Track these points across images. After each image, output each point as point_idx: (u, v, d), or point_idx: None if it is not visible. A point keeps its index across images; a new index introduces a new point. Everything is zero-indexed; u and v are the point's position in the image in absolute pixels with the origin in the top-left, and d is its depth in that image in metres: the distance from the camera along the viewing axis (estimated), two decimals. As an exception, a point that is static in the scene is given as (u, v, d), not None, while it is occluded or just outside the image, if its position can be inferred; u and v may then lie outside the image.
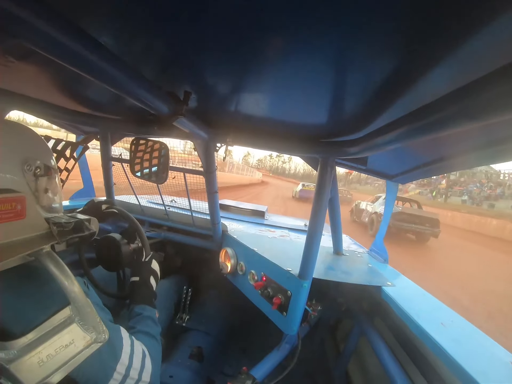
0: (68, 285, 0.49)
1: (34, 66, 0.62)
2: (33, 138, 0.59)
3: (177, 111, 0.64)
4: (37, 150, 0.58)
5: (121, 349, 0.61)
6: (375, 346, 1.00)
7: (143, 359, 0.67)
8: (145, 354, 0.69)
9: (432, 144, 0.73)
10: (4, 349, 0.40)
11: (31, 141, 0.58)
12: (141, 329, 0.77)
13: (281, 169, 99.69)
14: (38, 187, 0.55)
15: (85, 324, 0.50)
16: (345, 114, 0.68)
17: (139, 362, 0.65)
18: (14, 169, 0.51)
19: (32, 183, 0.54)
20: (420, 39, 0.35)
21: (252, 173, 29.72)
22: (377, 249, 1.54)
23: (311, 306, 1.10)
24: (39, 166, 0.55)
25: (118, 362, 0.59)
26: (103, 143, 1.32)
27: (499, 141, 0.60)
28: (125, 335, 0.65)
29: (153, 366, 0.70)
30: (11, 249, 0.45)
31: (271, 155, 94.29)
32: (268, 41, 0.41)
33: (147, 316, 0.83)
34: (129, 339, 0.65)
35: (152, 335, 0.78)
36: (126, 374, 0.61)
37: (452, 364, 0.65)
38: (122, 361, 0.60)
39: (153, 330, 0.80)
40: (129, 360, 0.62)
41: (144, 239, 1.07)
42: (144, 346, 0.70)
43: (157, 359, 0.74)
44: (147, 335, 0.76)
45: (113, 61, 0.44)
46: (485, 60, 0.36)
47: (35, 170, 0.54)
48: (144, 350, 0.69)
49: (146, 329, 0.78)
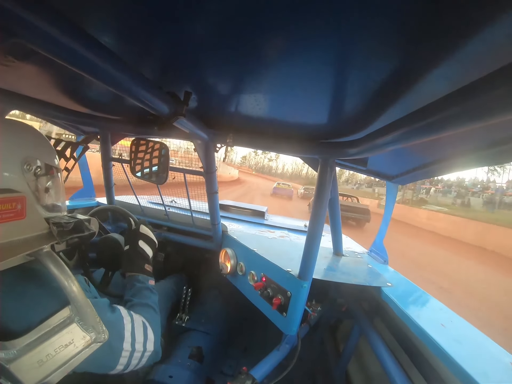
0: (68, 285, 0.49)
1: (34, 66, 0.62)
2: (34, 136, 0.58)
3: (177, 111, 0.64)
4: (38, 149, 0.57)
5: (124, 329, 0.64)
6: (375, 347, 0.99)
7: (144, 331, 0.70)
8: (146, 325, 0.71)
9: (432, 145, 0.73)
10: (4, 349, 0.40)
11: (31, 140, 0.57)
12: (138, 301, 0.79)
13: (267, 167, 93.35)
14: (38, 186, 0.55)
15: (84, 324, 0.50)
16: (345, 115, 0.68)
17: (141, 335, 0.68)
18: (13, 168, 0.51)
19: (32, 183, 0.54)
20: (420, 39, 0.35)
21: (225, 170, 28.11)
22: (377, 250, 1.54)
23: (311, 307, 1.10)
24: (40, 165, 0.55)
25: (124, 341, 0.63)
26: (103, 143, 1.32)
27: (499, 142, 0.60)
28: (124, 313, 0.68)
29: (155, 334, 0.73)
30: (11, 249, 0.45)
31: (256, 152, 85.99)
32: (268, 41, 0.41)
33: (141, 286, 0.84)
34: (128, 316, 0.68)
35: (148, 305, 0.80)
36: (133, 349, 0.65)
37: (452, 365, 0.65)
38: (127, 339, 0.64)
39: (149, 300, 0.82)
40: (132, 336, 0.66)
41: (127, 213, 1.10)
42: (143, 317, 0.72)
43: (157, 327, 0.77)
44: (144, 306, 0.78)
45: (113, 61, 0.44)
46: (485, 61, 0.36)
47: (35, 169, 0.54)
48: (144, 322, 0.71)
49: (142, 300, 0.80)
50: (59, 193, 0.61)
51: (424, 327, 0.78)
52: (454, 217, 14.44)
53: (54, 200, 0.59)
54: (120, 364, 0.63)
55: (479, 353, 0.72)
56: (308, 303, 1.07)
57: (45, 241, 0.52)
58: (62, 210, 0.63)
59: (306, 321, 1.12)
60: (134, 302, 0.78)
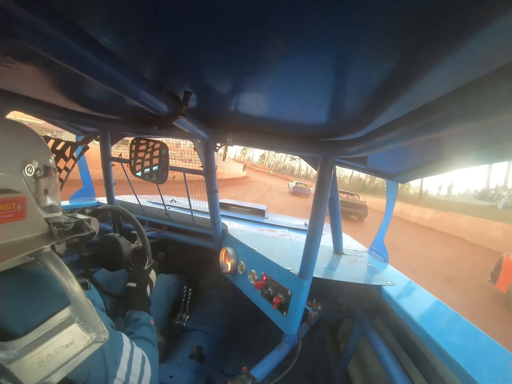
0: (68, 285, 0.49)
1: (34, 67, 0.62)
2: (33, 138, 0.58)
3: (177, 111, 0.64)
4: (37, 151, 0.57)
5: (121, 356, 0.62)
6: (376, 346, 1.00)
7: (142, 364, 0.67)
8: (145, 359, 0.69)
9: (431, 143, 0.73)
10: (4, 349, 0.40)
11: (31, 142, 0.57)
12: (140, 335, 0.78)
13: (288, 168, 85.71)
14: (38, 188, 0.55)
15: (85, 324, 0.50)
16: (345, 113, 0.68)
17: (138, 368, 0.66)
18: (13, 170, 0.50)
19: (33, 185, 0.53)
20: (420, 39, 0.35)
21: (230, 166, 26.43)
22: (377, 248, 1.54)
23: (311, 306, 1.10)
24: (39, 167, 0.55)
25: (118, 368, 0.60)
26: (103, 143, 1.32)
27: (499, 141, 0.60)
28: (126, 341, 0.66)
29: (152, 371, 0.70)
30: (11, 249, 0.45)
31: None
32: (268, 41, 0.41)
33: (144, 322, 0.84)
34: (129, 345, 0.66)
35: (150, 340, 0.79)
36: (126, 380, 0.61)
37: (453, 364, 0.65)
38: (122, 367, 0.61)
39: (150, 336, 0.81)
40: (128, 366, 0.63)
41: (147, 245, 1.07)
42: (143, 351, 0.71)
43: (155, 364, 0.75)
44: (145, 340, 0.77)
45: (113, 61, 0.44)
46: (485, 60, 0.36)
47: (35, 171, 0.54)
48: (143, 355, 0.69)
49: (144, 334, 0.79)
50: (56, 193, 0.61)
51: (424, 327, 0.78)
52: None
53: (53, 201, 0.59)
54: None
55: (479, 353, 0.72)
56: (309, 302, 1.07)
57: (45, 241, 0.52)
58: (59, 210, 0.62)
59: (306, 321, 1.12)
60: (136, 335, 0.78)
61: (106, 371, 0.57)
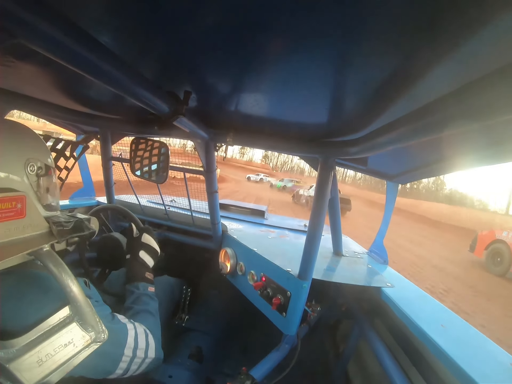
0: (67, 285, 0.49)
1: (34, 66, 0.62)
2: (33, 138, 0.59)
3: (177, 110, 0.64)
4: (38, 150, 0.58)
5: (126, 335, 0.65)
6: (375, 347, 0.99)
7: (146, 338, 0.70)
8: (147, 332, 0.72)
9: (432, 144, 0.72)
10: (3, 348, 0.40)
11: (32, 141, 0.58)
12: (139, 309, 0.79)
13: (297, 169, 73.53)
14: (40, 186, 0.56)
15: (84, 324, 0.50)
16: (345, 114, 0.68)
17: (143, 342, 0.69)
18: (16, 169, 0.51)
19: (35, 183, 0.55)
20: (420, 39, 0.35)
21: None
22: (377, 250, 1.54)
23: (310, 307, 1.10)
24: (41, 166, 0.56)
25: (125, 347, 0.64)
26: (103, 142, 1.32)
27: (499, 142, 0.60)
28: (125, 321, 0.68)
29: (156, 341, 0.74)
30: (11, 248, 0.45)
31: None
32: (268, 41, 0.41)
33: (142, 293, 0.85)
34: (130, 324, 0.68)
35: (149, 311, 0.80)
36: (134, 355, 0.65)
37: (452, 366, 0.65)
38: (129, 345, 0.65)
39: (150, 307, 0.82)
40: (135, 342, 0.66)
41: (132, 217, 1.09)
42: (144, 325, 0.73)
43: (158, 334, 0.78)
44: (144, 312, 0.79)
45: (113, 60, 0.44)
46: (485, 60, 0.36)
47: (37, 170, 0.55)
48: (145, 330, 0.72)
49: (143, 307, 0.80)
50: (56, 192, 0.62)
51: (423, 328, 0.78)
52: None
53: (53, 199, 0.60)
54: (119, 368, 0.63)
55: (478, 354, 0.72)
56: (308, 303, 1.07)
57: (45, 240, 0.52)
58: (58, 209, 0.63)
59: (305, 321, 1.12)
60: (135, 310, 0.79)
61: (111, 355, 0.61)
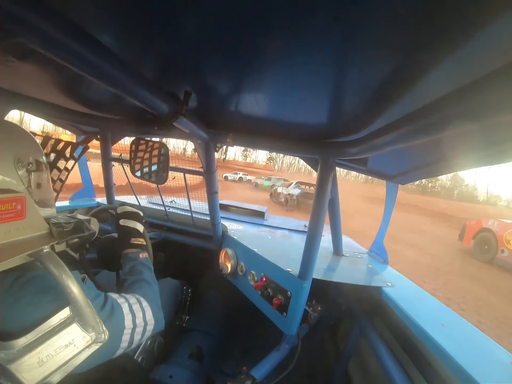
0: (67, 286, 0.49)
1: (35, 66, 0.62)
2: (23, 134, 0.59)
3: (177, 111, 0.64)
4: (27, 146, 0.58)
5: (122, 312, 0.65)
6: (375, 347, 0.99)
7: (140, 305, 0.71)
8: (140, 301, 0.72)
9: (432, 145, 0.72)
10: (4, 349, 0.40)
11: (21, 138, 0.58)
12: (132, 279, 0.80)
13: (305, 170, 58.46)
14: (31, 182, 0.56)
15: (84, 324, 0.50)
16: (346, 114, 0.68)
17: (139, 311, 0.69)
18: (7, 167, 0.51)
19: (25, 179, 0.54)
20: (421, 39, 0.35)
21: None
22: (377, 249, 1.54)
23: (311, 307, 1.10)
24: (31, 161, 0.56)
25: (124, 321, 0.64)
26: (103, 143, 1.32)
27: (499, 142, 0.60)
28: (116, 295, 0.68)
29: (152, 306, 0.74)
30: (11, 249, 0.45)
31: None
32: (268, 41, 0.41)
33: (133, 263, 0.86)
34: (122, 298, 0.68)
35: (142, 279, 0.81)
36: (134, 325, 0.66)
37: (452, 364, 0.65)
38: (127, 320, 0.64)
39: (143, 275, 0.82)
40: (131, 313, 0.66)
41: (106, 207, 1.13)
42: (137, 294, 0.73)
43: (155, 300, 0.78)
44: (138, 282, 0.79)
45: (113, 61, 0.44)
46: (485, 60, 0.36)
47: (27, 165, 0.55)
48: (138, 299, 0.72)
49: (136, 276, 0.81)
50: (49, 188, 0.62)
51: (424, 327, 0.78)
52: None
53: (45, 195, 0.60)
54: (123, 341, 0.64)
55: (479, 353, 0.72)
56: (308, 303, 1.07)
57: (45, 241, 0.52)
58: (52, 206, 0.64)
59: (306, 321, 1.12)
60: (129, 281, 0.80)
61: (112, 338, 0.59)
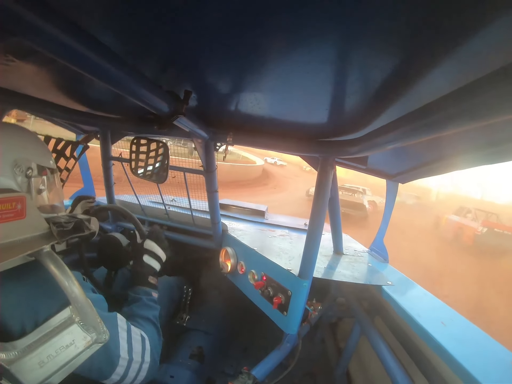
0: (68, 286, 0.49)
1: (35, 65, 0.61)
2: (25, 138, 0.57)
3: (177, 110, 0.64)
4: (28, 151, 0.57)
5: (118, 335, 0.63)
6: (376, 345, 1.00)
7: (143, 342, 0.69)
8: (144, 338, 0.71)
9: (432, 144, 0.73)
10: (4, 350, 0.40)
11: (22, 142, 0.57)
12: (139, 314, 0.79)
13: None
14: (31, 188, 0.54)
15: (85, 325, 0.50)
16: (346, 113, 0.68)
17: (139, 346, 0.68)
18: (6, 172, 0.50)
19: (24, 184, 0.53)
20: (420, 38, 0.34)
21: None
22: (377, 248, 1.54)
23: (311, 306, 1.10)
24: (31, 167, 0.55)
25: (120, 347, 0.62)
26: (103, 142, 1.32)
27: (499, 142, 0.60)
28: (121, 322, 0.67)
29: (153, 346, 0.72)
30: (12, 249, 0.45)
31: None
32: (268, 40, 0.40)
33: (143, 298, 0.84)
34: (125, 325, 0.67)
35: (149, 318, 0.79)
36: (130, 358, 0.64)
37: (453, 363, 0.65)
38: (122, 347, 0.63)
39: (150, 313, 0.81)
40: (128, 344, 0.64)
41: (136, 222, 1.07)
42: (142, 331, 0.72)
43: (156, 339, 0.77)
44: (143, 319, 0.78)
45: (113, 60, 0.44)
46: (485, 60, 0.36)
47: (26, 171, 0.54)
48: (142, 335, 0.71)
49: (143, 312, 0.80)
50: (56, 193, 0.61)
51: (424, 326, 0.79)
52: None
53: (51, 201, 0.59)
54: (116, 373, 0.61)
55: (479, 352, 0.73)
56: (309, 302, 1.07)
57: (45, 241, 0.52)
58: (61, 210, 0.62)
59: (306, 320, 1.12)
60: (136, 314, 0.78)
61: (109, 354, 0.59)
